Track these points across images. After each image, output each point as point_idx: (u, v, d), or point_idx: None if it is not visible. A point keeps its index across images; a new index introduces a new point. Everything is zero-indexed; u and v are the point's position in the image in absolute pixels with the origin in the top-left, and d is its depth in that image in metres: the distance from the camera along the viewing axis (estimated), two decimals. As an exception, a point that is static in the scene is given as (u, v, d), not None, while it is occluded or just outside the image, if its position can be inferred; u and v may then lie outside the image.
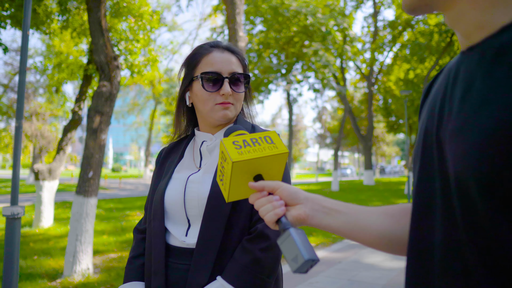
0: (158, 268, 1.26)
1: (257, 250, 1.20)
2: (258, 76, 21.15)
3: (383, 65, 24.91)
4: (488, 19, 0.60)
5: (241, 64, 1.41)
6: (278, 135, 0.94)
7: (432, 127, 0.66)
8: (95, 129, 5.18)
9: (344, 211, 0.87)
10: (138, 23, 9.41)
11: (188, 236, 1.28)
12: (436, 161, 0.64)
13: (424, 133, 0.70)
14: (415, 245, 0.68)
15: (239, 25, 7.00)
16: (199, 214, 1.27)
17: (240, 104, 1.40)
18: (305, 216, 0.84)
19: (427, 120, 0.70)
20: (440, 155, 0.63)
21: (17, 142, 3.66)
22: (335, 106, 42.08)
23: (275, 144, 0.90)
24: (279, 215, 0.83)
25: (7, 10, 6.83)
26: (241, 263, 1.19)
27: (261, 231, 1.22)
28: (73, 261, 4.97)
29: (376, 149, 45.60)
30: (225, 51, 1.38)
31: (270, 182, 0.88)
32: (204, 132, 1.42)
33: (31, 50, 18.44)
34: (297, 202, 0.86)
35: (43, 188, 8.40)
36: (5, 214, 3.52)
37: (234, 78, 1.35)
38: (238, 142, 0.88)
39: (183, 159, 1.43)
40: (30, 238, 7.55)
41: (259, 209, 0.86)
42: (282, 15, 18.92)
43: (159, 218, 1.31)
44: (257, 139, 0.90)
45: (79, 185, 5.15)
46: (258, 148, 0.88)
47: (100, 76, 5.35)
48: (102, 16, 5.29)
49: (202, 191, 1.27)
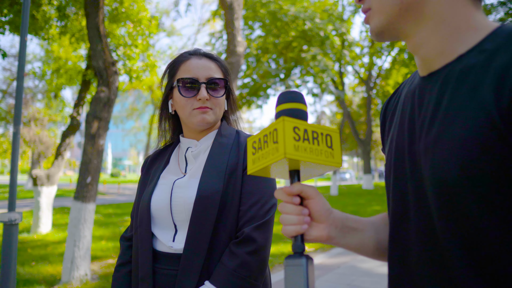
0: (145, 274, 1.26)
1: (245, 253, 1.20)
2: (257, 81, 21.17)
3: (382, 69, 24.98)
4: (449, 46, 0.69)
5: (221, 70, 1.42)
6: (340, 136, 0.78)
7: (403, 144, 0.75)
8: (93, 135, 5.17)
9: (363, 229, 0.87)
10: (136, 28, 9.43)
11: (175, 241, 1.27)
12: (408, 173, 0.73)
13: (395, 150, 0.78)
14: (394, 250, 0.76)
15: (238, 30, 7.01)
16: (185, 219, 1.27)
17: (220, 108, 1.40)
18: (327, 238, 0.79)
19: (396, 139, 0.79)
20: (412, 167, 0.72)
21: (15, 147, 3.65)
22: (334, 111, 42.10)
23: (333, 151, 0.75)
24: (299, 233, 0.74)
25: (5, 16, 6.83)
26: (229, 267, 1.19)
27: (248, 235, 1.22)
28: (71, 267, 4.95)
29: (375, 153, 45.62)
30: (203, 58, 1.40)
31: (308, 188, 0.78)
32: (188, 138, 1.43)
33: (30, 55, 18.45)
34: (324, 221, 0.79)
35: (41, 194, 8.38)
36: (2, 220, 3.51)
37: (211, 83, 1.36)
38: (299, 131, 0.72)
39: (168, 165, 1.44)
40: (28, 244, 7.52)
41: (282, 215, 0.77)
42: (280, 20, 18.99)
43: (145, 224, 1.31)
44: (318, 135, 0.74)
45: (77, 190, 5.13)
46: (315, 149, 0.73)
47: (98, 82, 5.35)
48: (100, 22, 5.30)
49: (188, 196, 1.27)
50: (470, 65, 0.65)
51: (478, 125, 0.61)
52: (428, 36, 0.72)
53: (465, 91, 0.64)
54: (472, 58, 0.66)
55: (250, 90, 21.25)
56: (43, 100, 23.02)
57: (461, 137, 0.62)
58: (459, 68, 0.67)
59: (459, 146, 0.62)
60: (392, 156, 0.79)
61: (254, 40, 21.11)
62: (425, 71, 0.75)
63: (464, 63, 0.67)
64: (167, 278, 1.24)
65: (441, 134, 0.66)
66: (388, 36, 0.76)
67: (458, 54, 0.68)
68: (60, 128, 25.64)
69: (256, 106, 22.99)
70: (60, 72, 11.39)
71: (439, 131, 0.67)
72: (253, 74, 21.20)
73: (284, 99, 0.78)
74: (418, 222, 0.69)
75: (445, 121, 0.66)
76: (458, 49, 0.69)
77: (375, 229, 0.89)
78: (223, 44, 20.04)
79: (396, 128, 0.79)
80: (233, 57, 6.76)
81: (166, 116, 1.49)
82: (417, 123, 0.73)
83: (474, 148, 0.60)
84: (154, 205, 1.32)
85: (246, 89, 21.35)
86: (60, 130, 24.56)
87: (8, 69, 22.19)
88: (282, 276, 5.35)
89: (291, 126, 0.71)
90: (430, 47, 0.72)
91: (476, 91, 0.62)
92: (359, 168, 54.89)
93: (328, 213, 0.79)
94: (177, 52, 21.38)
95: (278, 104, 0.79)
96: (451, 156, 0.63)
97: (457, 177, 0.62)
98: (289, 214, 0.76)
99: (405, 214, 0.72)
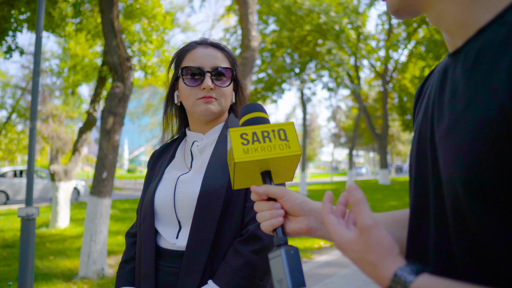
0: (147, 272, 1.23)
1: (249, 252, 1.15)
2: (272, 76, 21.09)
3: (398, 62, 24.61)
4: (470, 16, 0.58)
5: (228, 59, 1.38)
6: (295, 127, 0.83)
7: (426, 132, 0.66)
8: (109, 130, 5.20)
9: None
10: (151, 24, 9.45)
11: (179, 238, 1.24)
12: (430, 166, 0.64)
13: (418, 138, 0.69)
14: (413, 247, 0.69)
15: (252, 25, 6.96)
16: (189, 216, 1.23)
17: (226, 99, 1.36)
18: (307, 230, 0.78)
19: (420, 125, 0.69)
20: (433, 159, 0.63)
21: (31, 143, 3.69)
22: (350, 105, 41.72)
23: (288, 142, 0.78)
24: (275, 226, 0.76)
25: (23, 14, 6.92)
26: (232, 266, 1.15)
27: (253, 233, 1.17)
28: (88, 261, 5.00)
29: (392, 148, 45.13)
30: (209, 47, 1.36)
31: (275, 189, 0.78)
32: (195, 132, 1.39)
33: (47, 53, 18.73)
34: (301, 214, 0.79)
35: (59, 189, 8.51)
36: (20, 215, 3.55)
37: (217, 72, 1.32)
38: (247, 136, 0.77)
39: (174, 160, 1.40)
40: (46, 239, 7.65)
41: (257, 214, 0.80)
42: (295, 14, 18.83)
43: (149, 220, 1.28)
44: (269, 133, 0.79)
45: (94, 185, 5.18)
46: (267, 146, 0.77)
47: (113, 77, 5.38)
48: (114, 18, 5.32)
49: (191, 191, 1.23)
50: (489, 41, 0.54)
51: (489, 118, 0.51)
52: (447, 6, 0.62)
53: (479, 75, 0.54)
54: (492, 32, 0.55)
55: (265, 85, 21.18)
56: (61, 97, 23.39)
57: (470, 131, 0.53)
58: (478, 45, 0.57)
59: (467, 143, 0.53)
60: (415, 146, 0.71)
61: (269, 34, 21.00)
62: (451, 48, 0.66)
63: (483, 38, 0.56)
64: (169, 276, 1.22)
65: (452, 126, 0.57)
66: (406, 12, 0.68)
67: (478, 27, 0.58)
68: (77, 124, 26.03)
69: (271, 101, 22.93)
70: (77, 69, 11.54)
71: (450, 122, 0.58)
72: (267, 69, 21.12)
73: (244, 111, 0.86)
74: (436, 220, 0.62)
75: (457, 111, 0.57)
76: (478, 20, 0.58)
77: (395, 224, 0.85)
78: (238, 39, 19.99)
79: (421, 115, 0.70)
80: (248, 52, 6.71)
81: (172, 108, 1.45)
82: (436, 109, 0.64)
83: (483, 147, 0.51)
84: (157, 200, 1.29)
85: (261, 84, 21.29)
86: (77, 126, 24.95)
87: (27, 67, 22.56)
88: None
89: (237, 134, 0.77)
90: (450, 19, 0.62)
91: (491, 75, 0.52)
92: (375, 163, 54.40)
93: (302, 205, 0.79)
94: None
95: (240, 118, 0.86)
96: (457, 153, 0.55)
97: (463, 178, 0.53)
98: (262, 211, 0.78)
99: (425, 211, 0.65)
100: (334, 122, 45.25)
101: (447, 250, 0.59)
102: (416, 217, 0.68)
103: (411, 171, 0.72)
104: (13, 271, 5.45)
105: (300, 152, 0.79)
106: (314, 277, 5.06)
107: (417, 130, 0.71)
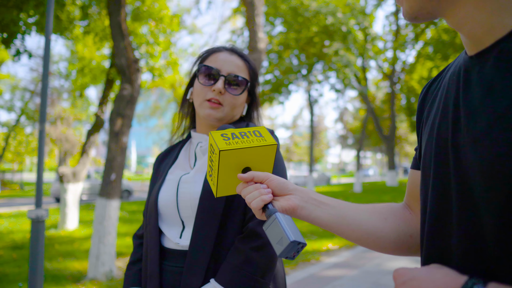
0: (153, 271, 1.24)
1: (249, 249, 1.16)
2: (279, 77, 21.08)
3: (406, 63, 24.46)
4: (497, 22, 0.60)
5: (248, 72, 1.38)
6: (267, 129, 0.94)
7: (447, 133, 0.66)
8: (117, 132, 5.22)
9: (334, 205, 0.86)
10: (158, 26, 9.49)
11: (182, 237, 1.26)
12: (452, 167, 0.64)
13: (436, 140, 0.69)
14: (432, 251, 0.69)
15: (259, 26, 6.96)
16: (192, 215, 1.24)
17: (234, 108, 1.35)
18: (295, 207, 0.83)
19: (438, 126, 0.69)
20: (456, 161, 0.63)
21: (41, 145, 3.70)
22: (357, 107, 41.55)
23: (263, 137, 0.90)
24: (266, 201, 0.81)
25: (32, 17, 6.97)
26: (233, 264, 1.15)
27: (253, 230, 1.18)
28: (96, 263, 5.02)
29: (399, 150, 44.86)
30: (234, 54, 1.37)
31: (259, 173, 0.87)
32: (200, 133, 1.40)
33: (55, 56, 18.88)
34: (286, 193, 0.85)
35: (67, 191, 8.55)
36: (30, 217, 3.57)
37: (232, 78, 1.33)
38: (227, 135, 0.89)
39: (177, 161, 1.42)
40: (55, 240, 7.69)
41: (246, 196, 0.84)
42: (301, 16, 18.81)
43: (153, 220, 1.30)
44: (245, 133, 0.90)
45: (102, 187, 5.20)
46: (246, 140, 0.88)
47: (121, 79, 5.40)
48: (122, 20, 5.34)
49: (194, 191, 1.25)
50: None
51: None
52: (471, 12, 0.62)
53: None
54: None
55: (272, 86, 21.18)
56: (69, 100, 23.58)
57: None
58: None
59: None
60: (432, 147, 0.70)
61: (276, 36, 20.99)
62: (473, 50, 0.65)
63: None
64: (173, 275, 1.23)
65: (492, 125, 0.57)
66: (425, 18, 0.68)
67: (508, 30, 0.59)
68: (85, 127, 26.22)
69: (278, 103, 22.91)
70: (85, 71, 11.60)
71: (489, 122, 0.58)
72: (274, 70, 21.12)
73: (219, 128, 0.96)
74: (461, 221, 0.62)
75: (498, 110, 0.57)
76: (507, 25, 0.59)
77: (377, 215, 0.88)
78: (244, 41, 20.01)
79: (438, 115, 0.71)
80: (255, 54, 6.70)
81: (186, 105, 1.47)
82: (463, 110, 0.64)
83: None
84: (161, 201, 1.31)
85: (268, 85, 21.29)
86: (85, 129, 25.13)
87: (35, 70, 22.79)
88: (300, 277, 5.30)
89: (218, 134, 0.88)
90: (475, 24, 0.62)
91: None
92: (383, 165, 54.13)
93: (286, 184, 0.85)
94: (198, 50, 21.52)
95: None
96: (503, 150, 0.55)
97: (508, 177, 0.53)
98: (250, 192, 0.83)
99: (446, 213, 0.65)
100: (341, 123, 45.09)
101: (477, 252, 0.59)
102: (435, 218, 0.68)
103: (428, 173, 0.72)
104: (23, 272, 5.48)
105: (275, 142, 0.89)
106: (322, 279, 5.03)
107: (433, 132, 0.71)
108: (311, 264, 5.97)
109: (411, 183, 0.90)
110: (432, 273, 0.60)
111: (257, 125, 1.42)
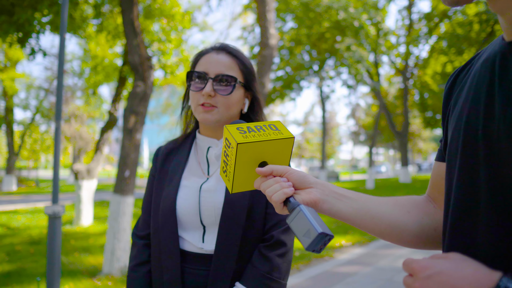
0: (172, 277, 1.26)
1: (276, 256, 1.24)
2: (290, 74, 21.01)
3: (419, 58, 24.15)
4: None
5: (239, 67, 1.34)
6: (283, 124, 0.92)
7: (477, 121, 0.63)
8: (131, 129, 5.27)
9: (355, 198, 0.85)
10: (170, 23, 9.53)
11: (205, 242, 1.28)
12: (482, 156, 0.61)
13: (465, 128, 0.66)
14: (456, 243, 0.67)
15: (270, 22, 6.94)
16: (214, 221, 1.28)
17: (228, 108, 1.31)
18: (317, 200, 0.81)
19: (467, 115, 0.66)
20: (487, 150, 0.60)
21: (57, 142, 3.76)
22: (369, 103, 41.18)
23: (280, 130, 0.89)
24: (288, 194, 0.79)
25: (46, 17, 7.06)
26: (261, 270, 1.22)
27: (278, 238, 1.26)
28: (111, 258, 5.08)
29: (412, 146, 44.42)
30: (222, 53, 1.34)
31: (278, 166, 0.85)
32: (205, 136, 1.38)
33: (69, 55, 19.09)
34: (307, 186, 0.83)
35: (82, 188, 8.66)
36: (47, 213, 3.63)
37: (220, 79, 1.29)
38: (242, 128, 0.87)
39: (188, 165, 1.39)
40: (71, 236, 7.80)
41: (266, 190, 0.82)
42: (313, 11, 18.71)
43: (170, 226, 1.29)
44: (261, 126, 0.89)
45: (116, 184, 5.26)
46: (263, 134, 0.86)
47: (134, 77, 5.45)
48: (135, 17, 5.37)
49: (217, 201, 1.28)
50: None
51: None
52: None
53: None
54: None
55: (284, 83, 21.12)
56: (82, 97, 23.85)
57: None
58: None
59: None
60: (459, 137, 0.68)
61: (287, 32, 20.93)
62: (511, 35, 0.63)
63: None
64: (197, 277, 1.26)
65: None
66: (467, 2, 0.67)
67: None
68: (98, 124, 26.50)
69: (290, 99, 22.86)
70: (98, 69, 11.72)
71: None
72: (286, 66, 21.05)
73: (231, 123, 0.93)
74: (491, 214, 0.59)
75: None
76: None
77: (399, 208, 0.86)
78: (256, 38, 19.98)
79: (468, 103, 0.68)
80: (266, 50, 6.69)
81: (186, 108, 1.47)
82: (498, 97, 0.61)
83: None
84: (180, 209, 1.30)
85: (279, 82, 21.24)
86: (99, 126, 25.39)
87: (49, 68, 23.08)
88: (314, 273, 5.29)
89: (234, 128, 0.86)
90: None
91: None
92: (395, 161, 53.69)
93: (307, 178, 0.84)
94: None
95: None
96: None
97: None
98: (271, 186, 0.81)
99: (473, 204, 0.63)
100: (353, 119, 44.80)
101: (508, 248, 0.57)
102: (460, 210, 0.66)
103: (453, 163, 0.69)
104: (40, 266, 5.58)
105: (293, 135, 0.88)
106: (335, 276, 5.02)
107: (461, 119, 0.69)
108: (324, 260, 5.96)
109: (436, 175, 0.88)
110: (460, 267, 0.58)
111: (260, 119, 1.41)
